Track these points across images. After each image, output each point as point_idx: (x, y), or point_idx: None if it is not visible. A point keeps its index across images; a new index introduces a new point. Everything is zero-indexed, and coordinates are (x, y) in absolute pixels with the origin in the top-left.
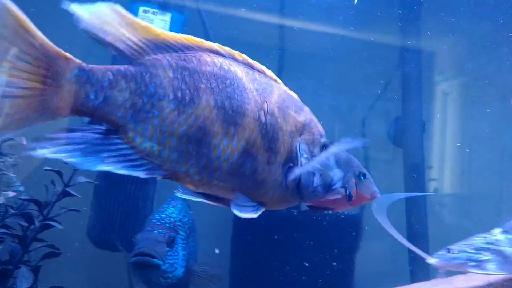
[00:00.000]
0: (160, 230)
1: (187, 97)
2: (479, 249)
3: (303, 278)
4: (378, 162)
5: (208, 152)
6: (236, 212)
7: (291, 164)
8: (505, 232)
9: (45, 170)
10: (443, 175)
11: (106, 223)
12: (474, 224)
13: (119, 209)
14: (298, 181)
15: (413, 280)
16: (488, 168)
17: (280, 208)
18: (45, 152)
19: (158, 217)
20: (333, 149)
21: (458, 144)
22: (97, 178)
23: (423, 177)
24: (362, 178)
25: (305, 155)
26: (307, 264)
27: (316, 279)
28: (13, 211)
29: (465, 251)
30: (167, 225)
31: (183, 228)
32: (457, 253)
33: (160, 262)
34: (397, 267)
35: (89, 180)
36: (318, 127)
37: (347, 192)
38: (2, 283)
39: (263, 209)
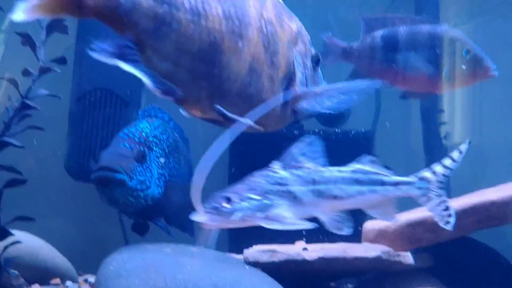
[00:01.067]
0: (126, 144)
1: (199, 6)
2: (267, 193)
3: None
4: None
5: (219, 72)
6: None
7: (289, 80)
8: (285, 167)
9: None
10: (453, 120)
11: (83, 152)
12: (487, 175)
13: (97, 136)
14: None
15: None
16: (500, 117)
17: (275, 129)
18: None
19: (127, 131)
20: (346, 85)
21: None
22: (71, 101)
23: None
24: (466, 54)
25: (300, 68)
26: None
27: None
28: None
29: (251, 198)
30: (137, 139)
31: (160, 145)
32: (239, 203)
33: (125, 177)
34: None
35: (51, 94)
36: (307, 35)
37: (444, 71)
38: None
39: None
